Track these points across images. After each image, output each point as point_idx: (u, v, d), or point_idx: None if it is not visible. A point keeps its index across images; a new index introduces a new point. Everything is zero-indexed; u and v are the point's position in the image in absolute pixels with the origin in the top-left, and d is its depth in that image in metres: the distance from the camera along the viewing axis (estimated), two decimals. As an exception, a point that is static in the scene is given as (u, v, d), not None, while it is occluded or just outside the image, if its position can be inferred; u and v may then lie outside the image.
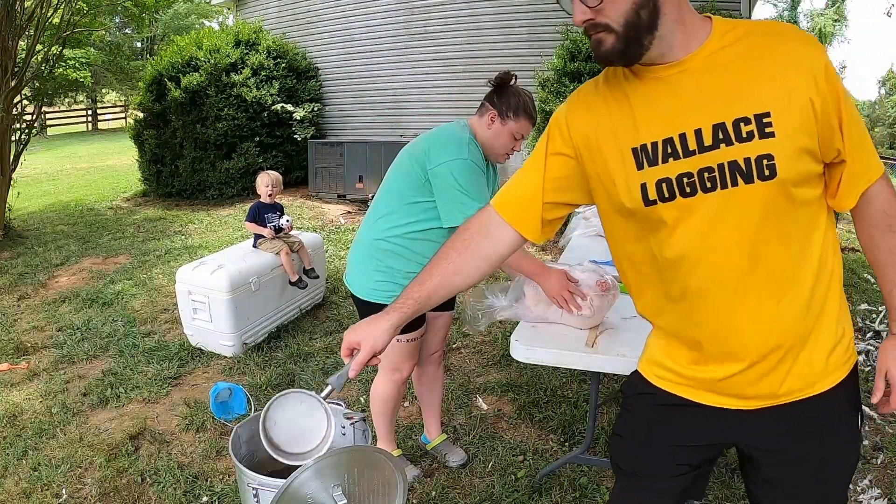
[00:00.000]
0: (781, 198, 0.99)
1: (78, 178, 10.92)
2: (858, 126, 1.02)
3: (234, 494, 2.26)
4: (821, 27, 27.78)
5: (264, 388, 3.06)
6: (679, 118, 1.01)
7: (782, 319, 1.04)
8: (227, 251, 3.92)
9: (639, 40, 0.96)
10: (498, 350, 3.39)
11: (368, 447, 1.47)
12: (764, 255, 1.02)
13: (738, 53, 0.99)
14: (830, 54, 13.62)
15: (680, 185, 1.01)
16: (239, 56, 7.74)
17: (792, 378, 1.08)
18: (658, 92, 1.03)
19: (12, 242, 6.06)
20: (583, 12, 0.97)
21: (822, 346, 1.08)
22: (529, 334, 1.88)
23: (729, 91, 0.99)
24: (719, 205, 1.00)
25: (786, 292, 1.04)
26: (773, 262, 1.02)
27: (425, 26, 8.23)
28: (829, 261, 1.07)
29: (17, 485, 2.37)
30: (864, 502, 2.22)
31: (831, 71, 0.99)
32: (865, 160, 1.04)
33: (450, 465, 2.44)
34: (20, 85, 5.99)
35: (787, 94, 0.97)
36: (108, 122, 25.17)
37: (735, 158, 0.98)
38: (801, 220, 1.03)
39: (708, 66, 1.00)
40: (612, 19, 0.96)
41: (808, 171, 1.00)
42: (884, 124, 28.83)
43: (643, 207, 1.05)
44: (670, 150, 1.01)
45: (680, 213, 1.02)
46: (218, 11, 22.10)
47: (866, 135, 1.05)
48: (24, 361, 3.46)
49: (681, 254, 1.05)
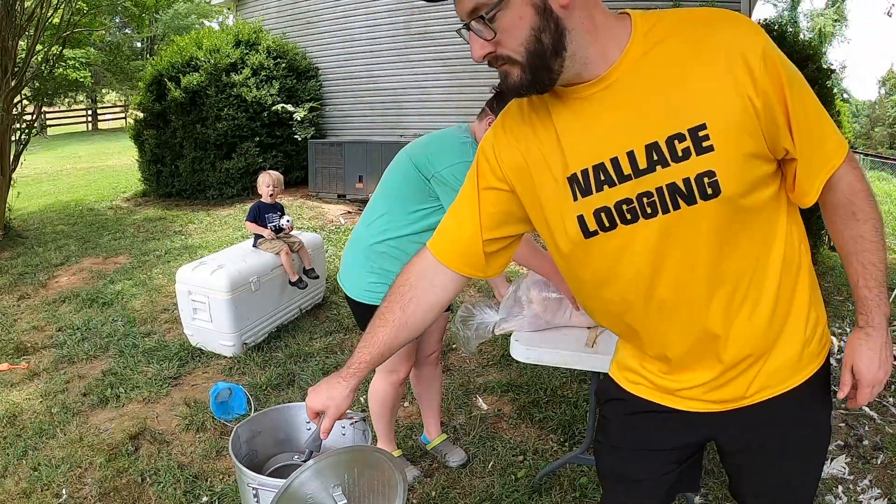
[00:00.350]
0: (730, 212, 0.92)
1: (78, 178, 10.92)
2: (811, 113, 0.92)
3: (234, 494, 2.26)
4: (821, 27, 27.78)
5: (264, 388, 3.06)
6: (609, 141, 0.92)
7: (752, 329, 1.01)
8: (227, 251, 3.92)
9: (547, 66, 0.87)
10: (498, 350, 3.39)
11: (368, 447, 1.47)
12: (723, 274, 0.97)
13: (664, 56, 0.89)
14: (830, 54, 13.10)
15: (620, 212, 0.94)
16: (239, 56, 7.74)
17: (762, 378, 1.06)
18: (583, 114, 0.94)
19: (12, 242, 6.06)
20: (481, 46, 0.88)
21: (793, 343, 1.05)
22: (529, 334, 1.87)
23: (658, 105, 0.89)
24: (664, 229, 0.93)
25: (754, 303, 1.00)
26: (733, 277, 0.97)
27: (425, 26, 8.23)
28: (794, 256, 1.03)
29: (17, 485, 2.37)
30: (864, 502, 2.22)
31: (771, 57, 0.87)
32: (823, 150, 0.95)
33: (450, 465, 2.44)
34: (20, 85, 5.99)
35: (721, 97, 0.87)
36: (108, 122, 25.17)
37: (674, 180, 0.90)
38: (756, 226, 0.96)
39: (633, 78, 0.90)
40: (512, 50, 0.87)
41: (757, 176, 0.92)
42: (884, 124, 28.82)
43: (584, 240, 0.99)
44: (603, 176, 0.94)
45: (623, 241, 0.97)
46: (218, 11, 22.09)
47: (822, 119, 0.94)
48: (24, 361, 3.46)
49: (629, 284, 1.00)
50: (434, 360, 2.41)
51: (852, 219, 1.00)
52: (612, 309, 1.08)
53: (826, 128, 0.95)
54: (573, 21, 0.86)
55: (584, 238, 0.99)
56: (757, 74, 0.86)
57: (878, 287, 1.03)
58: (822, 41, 25.93)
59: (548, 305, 1.88)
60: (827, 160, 0.95)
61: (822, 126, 0.94)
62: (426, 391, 2.47)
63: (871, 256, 1.01)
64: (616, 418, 1.22)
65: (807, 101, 0.92)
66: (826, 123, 0.95)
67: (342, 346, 3.55)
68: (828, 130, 0.95)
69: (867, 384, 1.07)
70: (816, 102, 0.94)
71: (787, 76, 0.89)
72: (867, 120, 30.00)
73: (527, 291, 1.91)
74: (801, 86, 0.91)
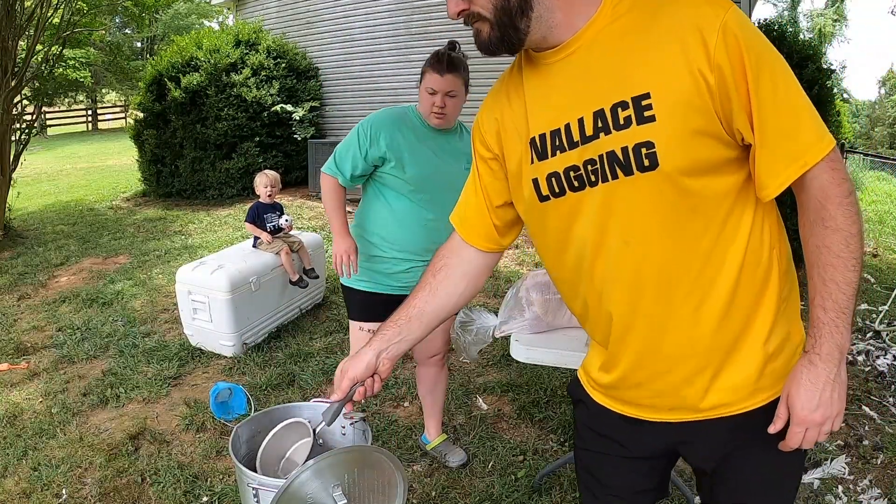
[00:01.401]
0: (671, 190, 0.87)
1: (78, 178, 10.92)
2: (782, 99, 0.84)
3: (234, 494, 2.26)
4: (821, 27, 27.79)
5: (264, 388, 3.06)
6: (564, 107, 0.93)
7: (696, 326, 0.94)
8: (227, 251, 3.92)
9: (514, 25, 0.89)
10: (498, 350, 3.39)
11: (368, 447, 1.47)
12: (659, 257, 0.91)
13: (625, 27, 0.88)
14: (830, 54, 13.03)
15: (568, 179, 0.94)
16: (239, 56, 7.74)
17: (718, 393, 0.98)
18: (547, 80, 0.96)
19: (12, 242, 6.06)
20: (455, 4, 0.91)
21: (752, 358, 0.96)
22: (529, 335, 1.87)
23: (610, 74, 0.89)
24: (605, 199, 0.91)
25: (700, 299, 0.93)
26: (677, 265, 0.92)
27: (425, 26, 8.22)
28: (761, 259, 0.93)
29: (17, 485, 2.37)
30: (864, 502, 2.22)
31: (732, 32, 0.82)
32: (793, 143, 0.85)
33: (450, 465, 2.44)
34: (20, 85, 5.99)
35: (670, 68, 0.84)
36: (108, 122, 25.17)
37: (613, 148, 0.88)
38: (711, 216, 0.90)
39: (592, 47, 0.90)
40: (482, 7, 0.89)
41: (707, 158, 0.86)
42: (884, 124, 28.82)
43: (538, 204, 0.99)
44: (558, 141, 0.94)
45: (571, 208, 0.96)
46: (218, 11, 22.10)
47: (799, 110, 0.85)
48: (24, 361, 3.46)
49: (578, 252, 0.98)
50: (437, 361, 2.40)
51: (820, 225, 0.87)
52: (567, 278, 1.06)
53: (804, 121, 0.85)
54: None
55: (539, 202, 0.99)
56: (712, 49, 0.82)
57: (835, 311, 0.88)
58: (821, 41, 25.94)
59: (549, 307, 1.87)
60: (798, 155, 0.85)
61: (797, 117, 0.85)
62: (430, 393, 2.46)
63: (835, 273, 0.87)
64: (581, 419, 1.19)
65: (779, 86, 0.84)
66: (804, 116, 0.85)
67: (342, 346, 3.55)
68: (806, 124, 0.86)
69: (798, 423, 0.91)
70: (794, 91, 0.85)
71: (751, 55, 0.82)
72: (867, 120, 30.01)
73: (527, 293, 1.90)
74: (773, 69, 0.84)
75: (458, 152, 2.09)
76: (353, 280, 2.16)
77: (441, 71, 1.94)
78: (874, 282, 4.77)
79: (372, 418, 2.77)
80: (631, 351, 1.01)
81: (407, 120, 2.05)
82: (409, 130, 2.03)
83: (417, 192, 2.03)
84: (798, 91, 0.86)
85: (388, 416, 2.80)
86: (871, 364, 3.30)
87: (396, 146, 2.00)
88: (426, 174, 2.03)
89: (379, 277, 2.13)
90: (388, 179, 2.05)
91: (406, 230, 2.07)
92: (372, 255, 2.10)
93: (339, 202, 2.12)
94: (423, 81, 1.99)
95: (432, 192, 2.04)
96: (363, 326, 2.19)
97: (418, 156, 2.01)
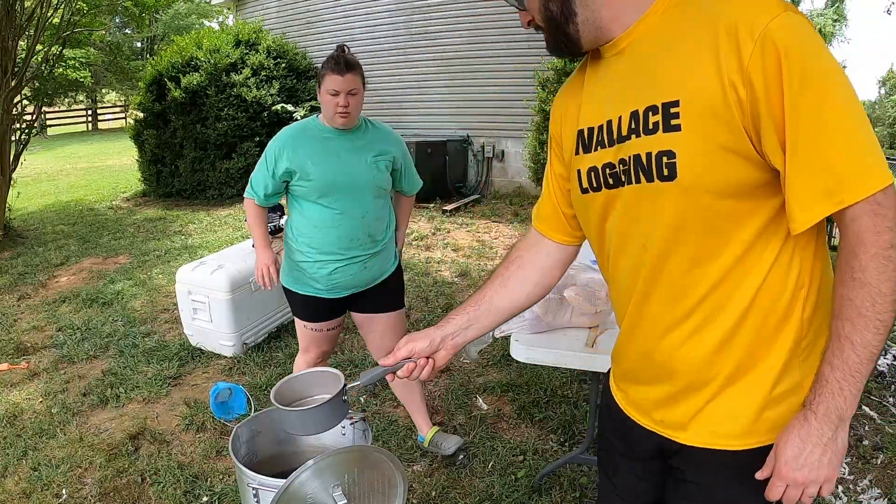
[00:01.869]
0: (690, 204, 0.83)
1: (78, 178, 10.92)
2: (829, 121, 0.74)
3: (234, 494, 2.26)
4: (821, 27, 27.79)
5: (264, 388, 3.06)
6: (610, 104, 0.93)
7: (695, 345, 0.91)
8: (227, 251, 3.91)
9: (563, 31, 0.92)
10: (498, 350, 3.39)
11: (368, 447, 1.47)
12: (673, 268, 0.89)
13: (671, 23, 0.85)
14: None
15: (604, 175, 0.94)
16: (239, 56, 7.74)
17: (705, 420, 0.94)
18: (601, 75, 0.96)
19: (12, 242, 6.06)
20: (523, 16, 0.97)
21: (753, 395, 0.90)
22: (529, 334, 1.87)
23: (649, 74, 0.86)
24: (631, 201, 0.91)
25: (704, 320, 0.89)
26: (683, 280, 0.89)
27: (425, 26, 8.23)
28: (781, 294, 0.86)
29: (17, 485, 2.37)
30: (864, 502, 2.22)
31: (772, 41, 0.73)
32: (829, 175, 0.75)
33: (447, 452, 2.43)
34: (20, 85, 5.99)
35: (701, 76, 0.78)
36: (108, 122, 25.17)
37: (639, 152, 0.86)
38: (730, 237, 0.84)
39: (640, 44, 0.88)
40: (538, 18, 0.94)
41: (733, 177, 0.80)
42: (884, 124, 28.84)
43: (581, 195, 1.01)
44: (600, 137, 0.94)
45: (604, 205, 0.96)
46: (218, 11, 22.11)
47: (851, 136, 0.74)
48: (24, 361, 3.46)
49: (608, 246, 1.00)
50: None
51: (849, 274, 0.78)
52: (602, 264, 1.08)
53: (853, 151, 0.74)
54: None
55: (581, 194, 1.01)
56: (745, 59, 0.75)
57: (843, 371, 0.80)
58: (821, 41, 25.89)
59: (549, 307, 1.87)
60: (835, 190, 0.75)
61: (844, 147, 0.74)
62: (405, 390, 2.53)
63: (852, 331, 0.78)
64: (601, 415, 1.21)
65: (825, 109, 0.74)
66: (854, 146, 0.74)
67: (342, 346, 3.56)
68: (854, 156, 0.74)
69: (778, 477, 0.86)
70: (847, 117, 0.74)
71: (794, 70, 0.73)
72: (867, 120, 29.95)
73: None
74: (823, 89, 0.74)
75: (363, 147, 2.18)
76: (290, 283, 2.29)
77: (341, 71, 2.05)
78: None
79: (372, 418, 2.77)
80: (636, 347, 1.01)
81: (307, 131, 2.17)
82: (309, 140, 2.15)
83: (325, 196, 2.14)
84: (853, 117, 0.75)
85: (388, 416, 2.80)
86: (876, 381, 3.30)
87: (298, 159, 2.13)
88: (330, 179, 2.13)
89: (310, 281, 2.24)
90: (298, 190, 2.17)
91: (321, 232, 2.18)
92: (299, 261, 2.23)
93: (259, 219, 2.28)
94: (324, 85, 2.09)
95: (339, 192, 2.14)
96: (307, 325, 2.33)
97: (321, 162, 2.12)
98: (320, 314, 2.30)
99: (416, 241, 5.76)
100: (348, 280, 2.23)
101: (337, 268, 2.19)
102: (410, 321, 3.85)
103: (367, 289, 2.28)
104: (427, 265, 5.02)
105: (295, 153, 2.13)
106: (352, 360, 3.32)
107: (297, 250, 2.23)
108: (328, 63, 2.07)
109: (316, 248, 2.19)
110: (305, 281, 2.24)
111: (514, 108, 7.54)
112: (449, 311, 2.70)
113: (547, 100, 5.73)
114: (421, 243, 5.70)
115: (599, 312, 1.84)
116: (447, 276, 4.76)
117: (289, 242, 2.28)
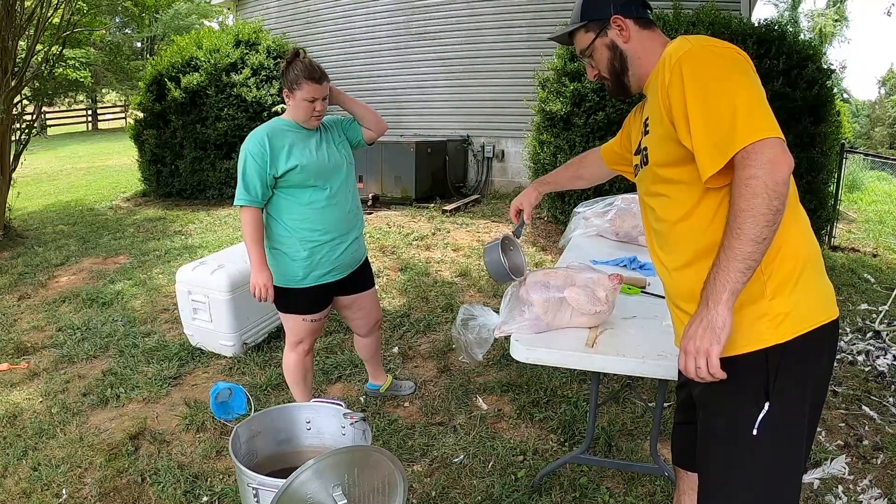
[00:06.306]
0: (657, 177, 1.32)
1: (78, 178, 10.93)
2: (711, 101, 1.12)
3: (234, 494, 2.26)
4: (821, 27, 27.78)
5: (264, 388, 3.06)
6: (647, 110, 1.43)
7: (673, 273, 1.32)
8: (227, 251, 3.91)
9: (621, 82, 1.40)
10: (498, 350, 3.39)
11: (368, 447, 1.47)
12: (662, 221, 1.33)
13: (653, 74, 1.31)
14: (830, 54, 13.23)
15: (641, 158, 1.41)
16: (239, 56, 7.74)
17: None
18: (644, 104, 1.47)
19: (12, 242, 6.06)
20: (590, 71, 1.45)
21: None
22: (530, 334, 1.87)
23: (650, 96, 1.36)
24: (642, 178, 1.41)
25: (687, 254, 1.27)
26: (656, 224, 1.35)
27: (425, 26, 8.23)
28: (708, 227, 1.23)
29: (17, 485, 2.37)
30: (864, 502, 2.22)
31: (679, 61, 1.16)
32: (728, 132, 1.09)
33: (403, 394, 2.84)
34: (20, 85, 5.99)
35: (654, 97, 1.28)
36: (108, 122, 25.18)
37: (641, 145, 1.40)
38: (674, 194, 1.28)
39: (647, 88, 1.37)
40: (604, 73, 1.42)
41: (673, 155, 1.24)
42: (884, 124, 28.82)
43: (634, 177, 1.52)
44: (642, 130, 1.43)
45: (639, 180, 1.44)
46: (218, 11, 22.07)
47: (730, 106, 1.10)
48: (24, 361, 3.46)
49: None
50: (375, 329, 2.76)
51: (735, 197, 1.10)
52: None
53: (738, 113, 1.09)
54: (631, 50, 1.36)
55: (634, 175, 1.50)
56: (666, 77, 1.19)
57: (726, 253, 1.11)
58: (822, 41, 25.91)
59: (549, 307, 1.86)
60: (731, 141, 1.10)
61: (726, 111, 1.10)
62: (367, 352, 2.82)
63: (733, 224, 1.10)
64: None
65: (710, 90, 1.13)
66: (735, 109, 1.10)
67: (342, 346, 3.55)
68: (741, 115, 1.09)
69: (681, 350, 1.19)
70: (726, 91, 1.11)
71: (689, 85, 1.15)
72: (867, 120, 30.01)
73: (527, 293, 1.88)
74: (704, 79, 1.14)
75: (326, 136, 2.40)
76: (291, 282, 2.35)
77: (319, 80, 2.24)
78: (874, 282, 4.77)
79: (372, 418, 2.77)
80: (662, 277, 1.39)
81: (279, 129, 2.29)
82: (288, 135, 2.28)
83: (319, 178, 2.30)
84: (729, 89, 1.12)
85: (388, 416, 2.80)
86: (871, 364, 3.30)
87: (288, 150, 2.26)
88: (321, 163, 2.31)
89: (314, 271, 2.35)
90: (292, 179, 2.26)
91: (324, 213, 2.32)
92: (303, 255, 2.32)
93: (260, 234, 2.30)
94: (300, 93, 2.22)
95: (328, 174, 2.33)
96: (305, 318, 2.44)
97: (306, 153, 2.28)
98: (319, 304, 2.43)
99: (416, 241, 5.76)
100: (348, 258, 2.42)
101: (346, 247, 2.40)
102: (410, 321, 3.85)
103: (355, 269, 2.51)
104: (427, 265, 5.02)
105: (282, 144, 2.25)
106: (352, 361, 3.32)
107: (298, 243, 2.31)
108: (305, 72, 2.21)
109: (321, 230, 2.31)
110: (307, 273, 2.34)
111: (514, 108, 7.54)
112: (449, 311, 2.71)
113: (547, 100, 5.71)
114: (421, 243, 5.70)
115: (599, 312, 1.84)
116: (447, 276, 4.76)
117: (282, 244, 2.33)
